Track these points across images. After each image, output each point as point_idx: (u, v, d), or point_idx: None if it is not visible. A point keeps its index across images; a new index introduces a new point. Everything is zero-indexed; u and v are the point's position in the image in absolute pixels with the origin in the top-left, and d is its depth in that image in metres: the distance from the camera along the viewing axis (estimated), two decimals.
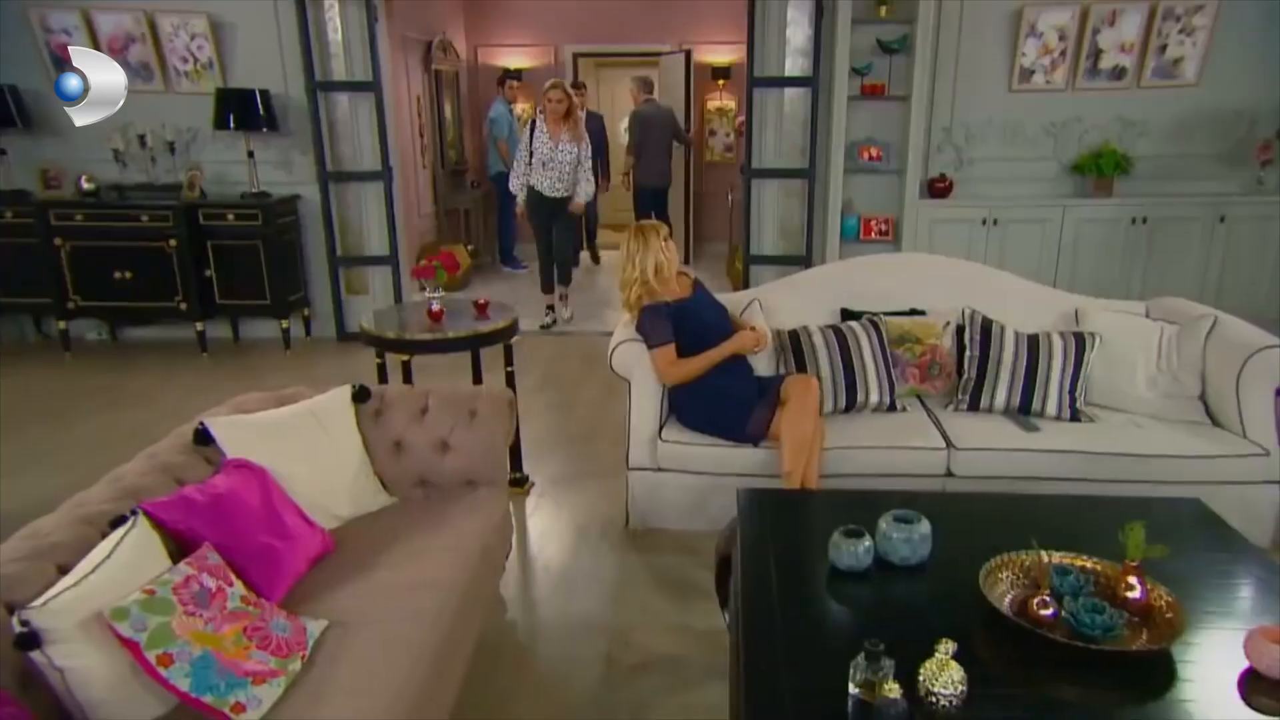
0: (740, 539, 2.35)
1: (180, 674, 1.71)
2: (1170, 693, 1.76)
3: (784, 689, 1.75)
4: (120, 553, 1.85)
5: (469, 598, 2.27)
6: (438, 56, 8.38)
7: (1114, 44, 5.58)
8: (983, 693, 1.68)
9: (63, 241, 5.80)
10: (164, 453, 2.39)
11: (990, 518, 2.54)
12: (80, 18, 5.95)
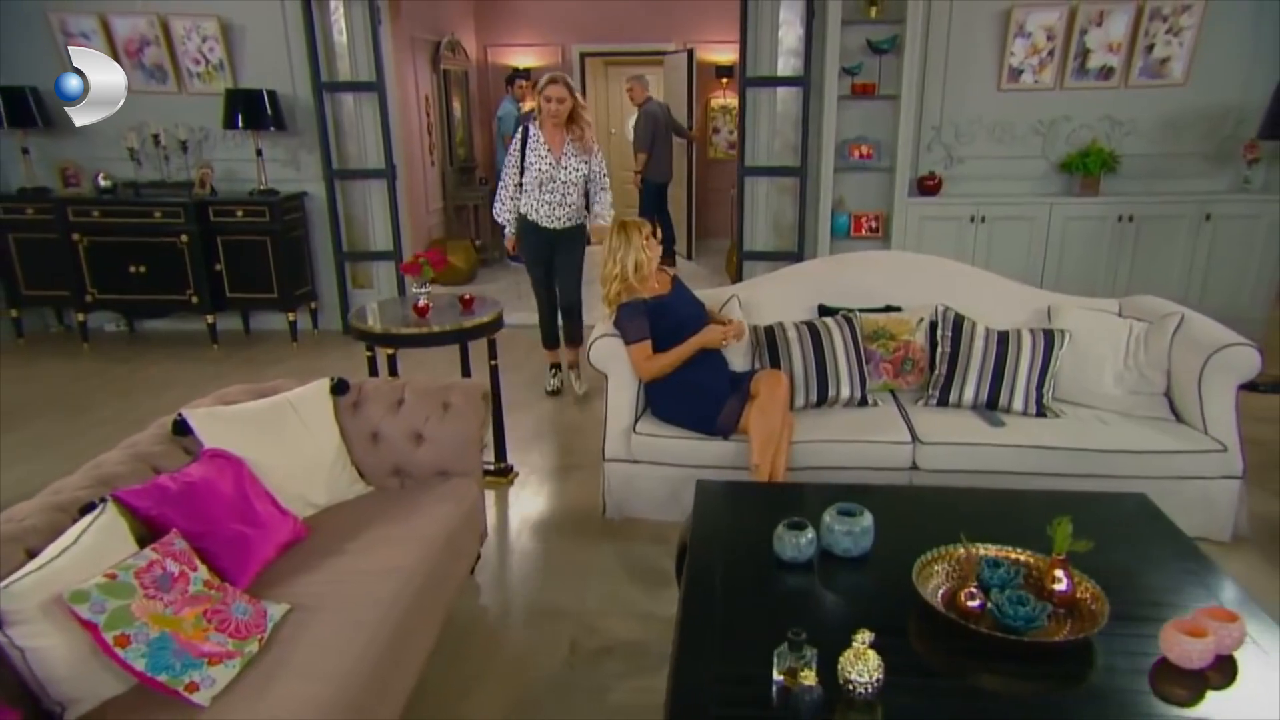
0: (692, 528, 2.38)
1: (137, 654, 1.75)
2: (1086, 682, 1.78)
3: (712, 675, 1.78)
4: (87, 538, 1.90)
5: (429, 584, 2.31)
6: (446, 56, 8.41)
7: (1101, 44, 5.52)
8: (901, 681, 1.70)
9: (80, 237, 5.90)
10: (144, 442, 2.45)
11: (940, 511, 2.55)
12: (97, 21, 6.04)
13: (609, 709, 2.41)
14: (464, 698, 2.48)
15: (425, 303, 3.60)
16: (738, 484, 2.82)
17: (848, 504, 2.24)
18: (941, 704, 1.72)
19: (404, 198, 6.38)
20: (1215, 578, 2.11)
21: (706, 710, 1.67)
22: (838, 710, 1.65)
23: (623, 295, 3.42)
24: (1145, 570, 2.17)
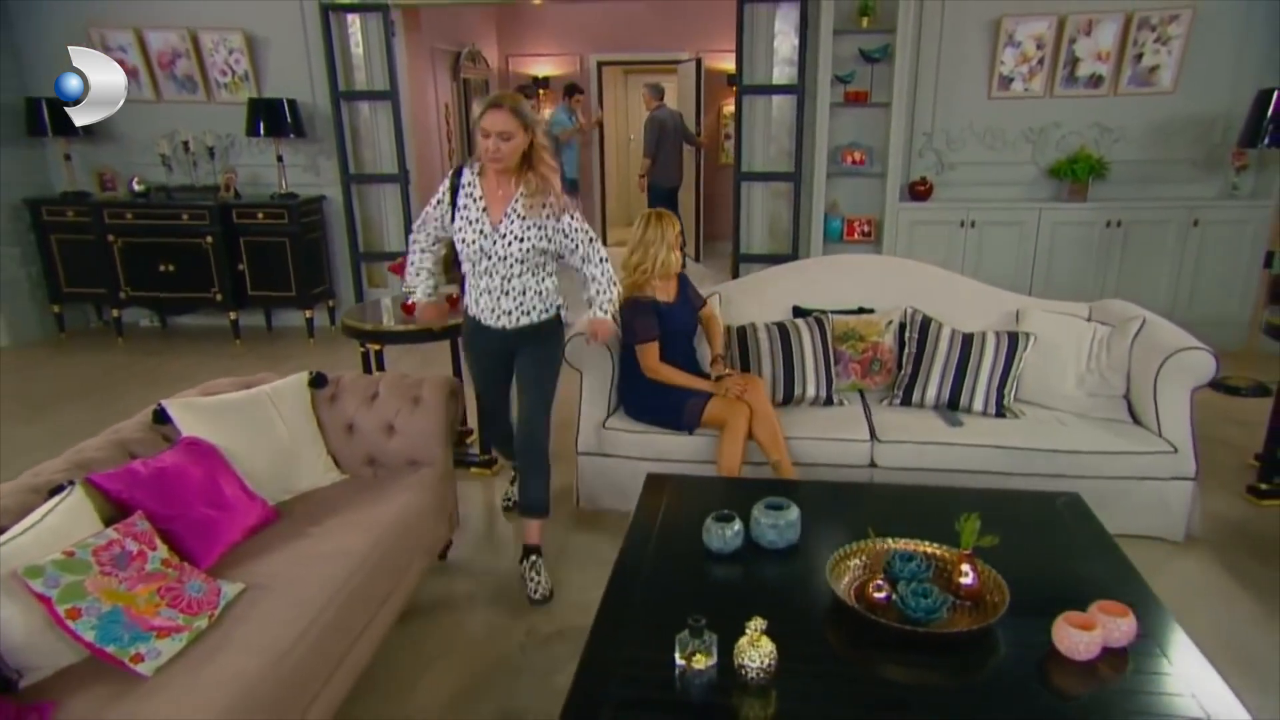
0: (632, 517, 2.41)
1: (86, 626, 1.82)
2: (980, 672, 1.78)
3: (622, 657, 1.80)
4: (51, 518, 1.99)
5: (381, 566, 2.37)
6: (466, 66, 8.51)
7: (1090, 52, 5.43)
8: (801, 668, 1.72)
9: (115, 238, 6.08)
10: (126, 430, 2.54)
11: (875, 506, 2.56)
12: (134, 36, 6.21)
13: (552, 690, 2.44)
14: (419, 676, 2.53)
15: (414, 301, 3.65)
16: (684, 477, 2.83)
17: (776, 498, 2.26)
18: (836, 690, 1.73)
19: (418, 201, 6.47)
20: (1128, 574, 2.09)
21: (608, 689, 1.70)
22: (733, 693, 1.67)
23: (635, 289, 3.34)
24: (1061, 566, 2.16)
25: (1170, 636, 1.83)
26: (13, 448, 4.13)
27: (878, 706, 1.70)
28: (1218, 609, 2.80)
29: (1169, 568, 3.05)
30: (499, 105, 2.71)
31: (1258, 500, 3.50)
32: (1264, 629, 2.68)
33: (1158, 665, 1.74)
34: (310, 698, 2.02)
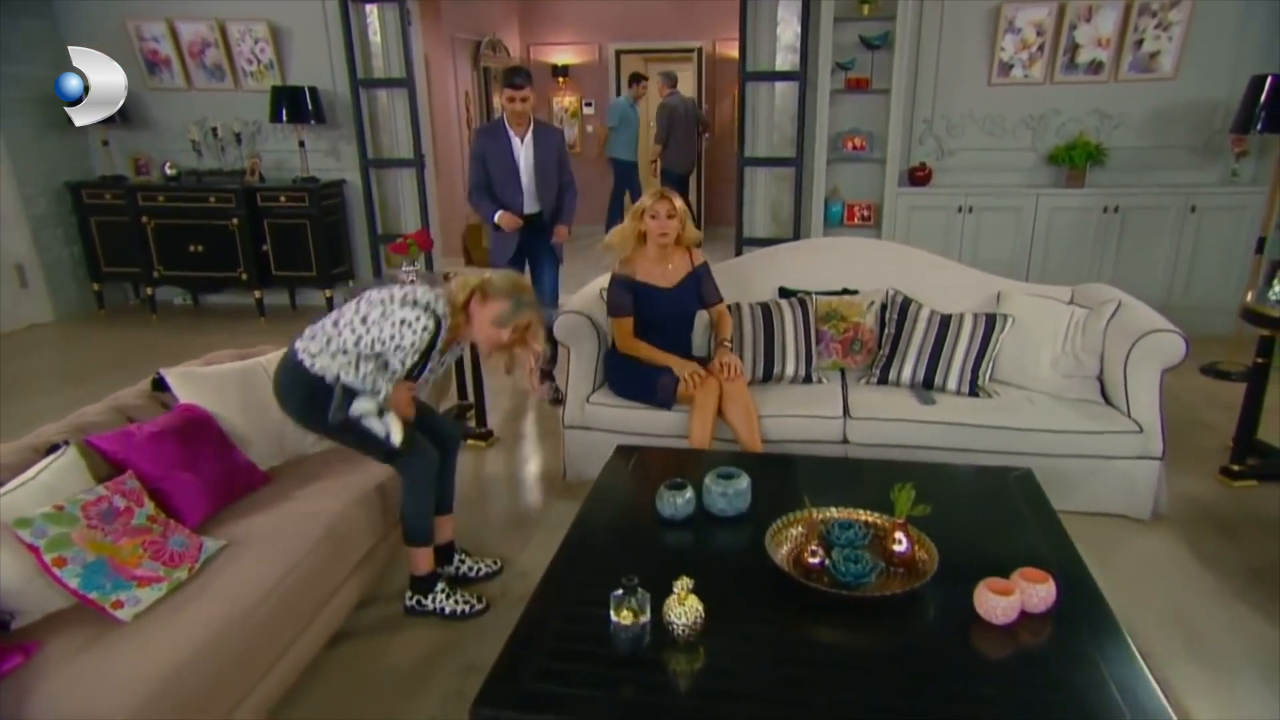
0: (594, 484, 2.46)
1: (72, 574, 1.92)
2: (904, 634, 1.80)
3: (561, 613, 1.86)
4: (44, 475, 2.08)
5: (356, 527, 2.45)
6: (487, 54, 8.54)
7: (1090, 39, 5.31)
8: (724, 627, 1.76)
9: (149, 220, 6.24)
10: (126, 397, 2.64)
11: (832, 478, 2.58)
12: (166, 27, 6.32)
13: None
14: (395, 633, 2.60)
15: (412, 279, 3.73)
16: (650, 449, 2.87)
17: (728, 468, 2.29)
18: (762, 649, 1.77)
19: (434, 185, 6.55)
20: (1064, 546, 2.10)
21: (542, 641, 1.75)
22: (663, 649, 1.71)
23: (617, 266, 3.41)
24: (1001, 537, 2.17)
25: (1092, 604, 1.83)
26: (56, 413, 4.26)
27: (800, 664, 1.73)
28: (1174, 584, 2.79)
29: (1131, 544, 3.04)
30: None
31: (1230, 481, 3.46)
32: (1216, 603, 2.66)
33: (1074, 631, 1.75)
34: (282, 648, 2.11)
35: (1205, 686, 2.28)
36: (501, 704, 1.56)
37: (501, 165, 4.29)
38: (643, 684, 1.63)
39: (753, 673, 1.69)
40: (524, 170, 4.32)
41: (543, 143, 4.33)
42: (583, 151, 10.14)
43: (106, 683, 1.70)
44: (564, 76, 9.83)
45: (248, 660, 1.96)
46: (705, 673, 1.68)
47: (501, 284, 2.44)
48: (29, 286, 6.40)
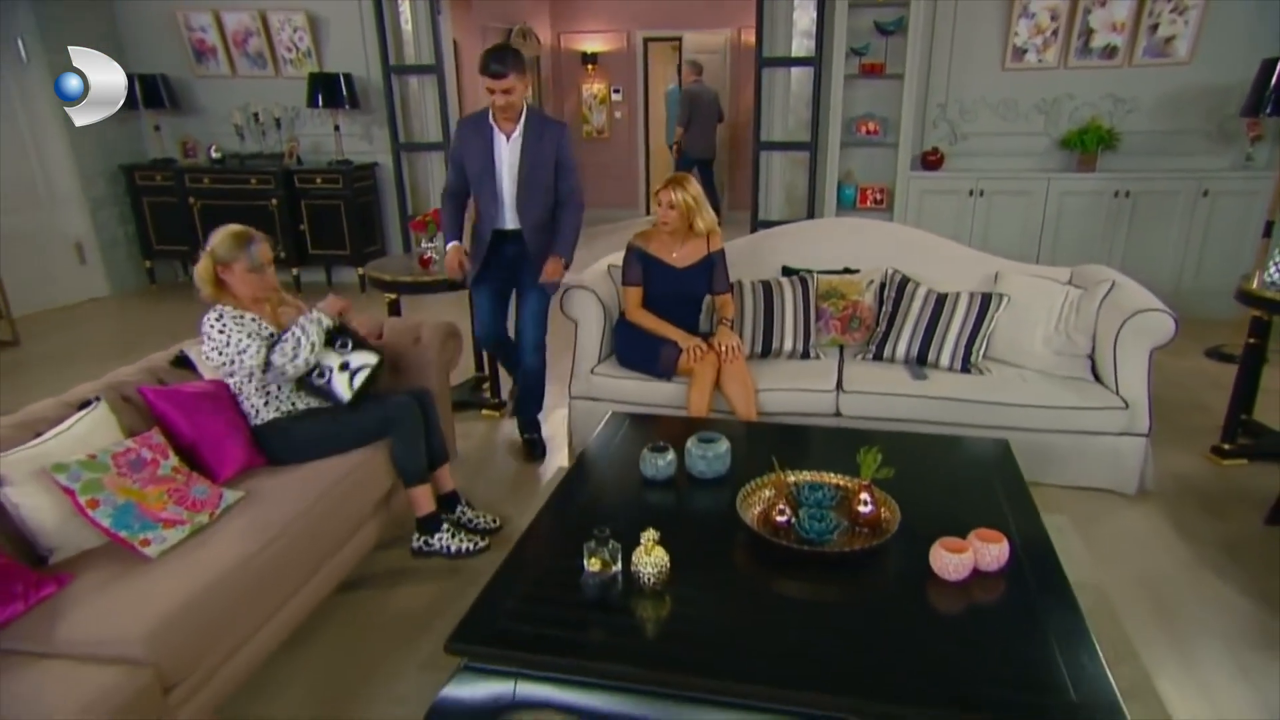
0: (587, 447, 2.54)
1: (104, 514, 2.05)
2: (861, 588, 1.86)
3: (538, 563, 1.94)
4: (78, 426, 2.22)
5: (361, 483, 2.55)
6: (517, 42, 8.59)
7: (1105, 24, 5.21)
8: (690, 577, 1.83)
9: (195, 200, 6.44)
10: (157, 360, 2.77)
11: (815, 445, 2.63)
12: (212, 17, 6.49)
13: None
14: (398, 584, 2.72)
15: (429, 256, 3.83)
16: (643, 416, 2.93)
17: (709, 433, 2.35)
18: (724, 598, 1.84)
19: None
20: (1028, 510, 2.12)
21: (518, 586, 1.84)
22: (631, 596, 1.79)
23: (637, 236, 3.48)
24: (965, 501, 2.20)
25: (1045, 566, 1.87)
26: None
27: (759, 612, 1.80)
28: (1150, 554, 2.79)
29: (1114, 517, 3.04)
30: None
31: (1220, 460, 3.43)
32: (1188, 573, 2.66)
33: (1024, 590, 1.79)
34: (293, 586, 2.23)
35: (1167, 649, 2.30)
36: (474, 640, 1.65)
37: (479, 167, 3.33)
38: (609, 627, 1.71)
39: (713, 619, 1.76)
40: (505, 175, 3.32)
41: (535, 141, 3.28)
42: (612, 138, 10.18)
43: (126, 610, 1.83)
44: (593, 64, 9.86)
45: (258, 596, 2.09)
46: (668, 618, 1.76)
47: (224, 244, 2.70)
48: (87, 263, 6.65)
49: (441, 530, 2.77)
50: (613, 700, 1.59)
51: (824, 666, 1.58)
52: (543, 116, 3.43)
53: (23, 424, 2.22)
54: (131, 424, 2.38)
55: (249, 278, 2.66)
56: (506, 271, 3.51)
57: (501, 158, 3.31)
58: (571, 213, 3.44)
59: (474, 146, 3.33)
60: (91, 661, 1.73)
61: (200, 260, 2.67)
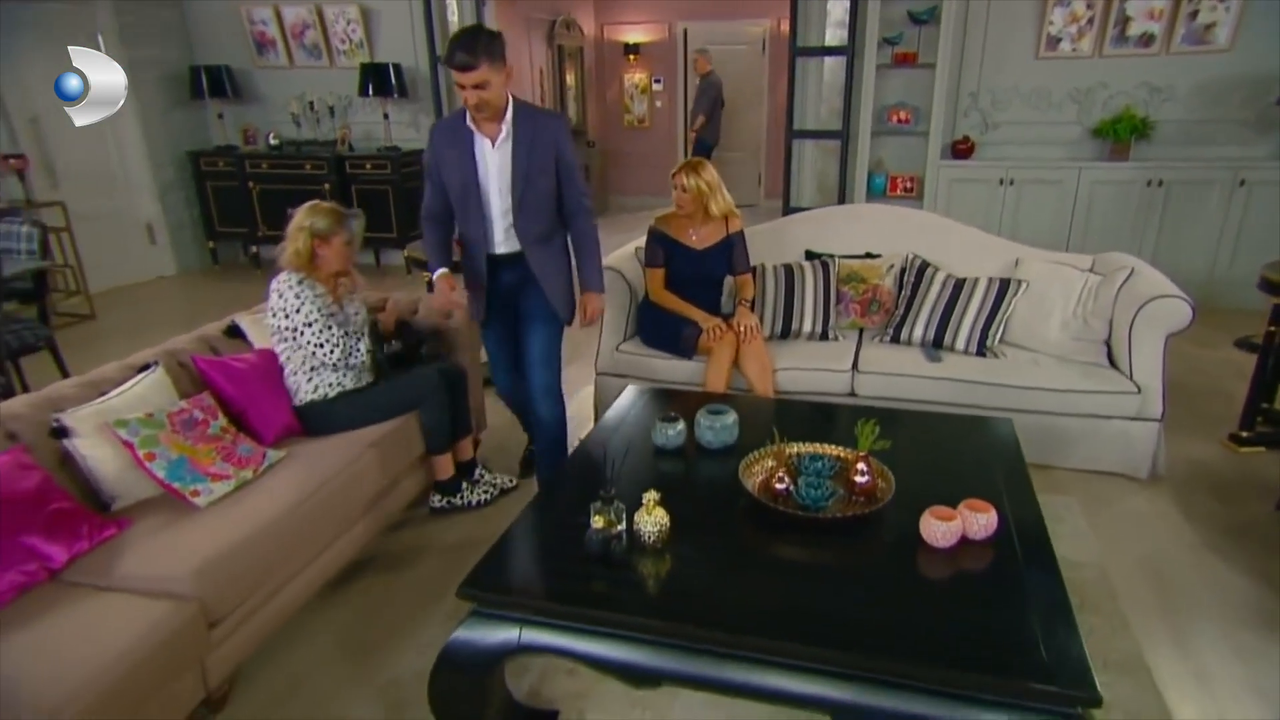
0: (604, 417, 2.61)
1: (159, 467, 2.20)
2: (852, 552, 1.90)
3: (548, 520, 2.02)
4: (138, 387, 2.37)
5: (393, 448, 2.67)
6: (561, 33, 8.65)
7: (1142, 11, 5.07)
8: (690, 537, 1.90)
9: (254, 185, 6.67)
10: (210, 331, 2.92)
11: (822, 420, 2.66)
12: (272, 11, 6.69)
13: None
14: (429, 541, 2.84)
15: None
16: (659, 390, 2.98)
17: (718, 405, 2.41)
18: (718, 556, 1.89)
19: None
20: (1022, 484, 2.13)
21: (528, 540, 1.93)
22: (632, 552, 1.86)
23: (657, 220, 3.53)
24: (962, 474, 2.22)
25: (1033, 538, 1.89)
26: None
27: (752, 571, 1.86)
28: (1155, 536, 2.77)
29: (1123, 500, 3.02)
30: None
31: (1237, 447, 3.37)
32: (1191, 555, 2.64)
33: (1010, 560, 1.81)
34: (327, 539, 2.36)
35: (1162, 627, 2.30)
36: (483, 586, 1.75)
37: (459, 182, 2.66)
38: (609, 579, 1.78)
39: (707, 575, 1.82)
40: (493, 189, 2.67)
41: (527, 143, 2.61)
42: (653, 126, 10.19)
43: (176, 552, 1.97)
44: (635, 54, 9.87)
45: (295, 546, 2.22)
46: (666, 573, 1.82)
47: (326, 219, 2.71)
48: (157, 243, 6.94)
49: (461, 489, 2.89)
50: (610, 647, 1.67)
51: (808, 620, 1.64)
52: (533, 110, 2.69)
53: (90, 383, 2.38)
54: (186, 387, 2.53)
55: (345, 250, 2.76)
56: (508, 305, 2.88)
57: (487, 168, 2.63)
58: (588, 227, 2.86)
59: (450, 157, 2.64)
60: (145, 595, 1.87)
61: (294, 236, 2.71)
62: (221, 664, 2.02)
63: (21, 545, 1.94)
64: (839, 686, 1.54)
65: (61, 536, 2.01)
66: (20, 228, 4.31)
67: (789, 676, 1.57)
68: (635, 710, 2.08)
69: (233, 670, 2.10)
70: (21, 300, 4.40)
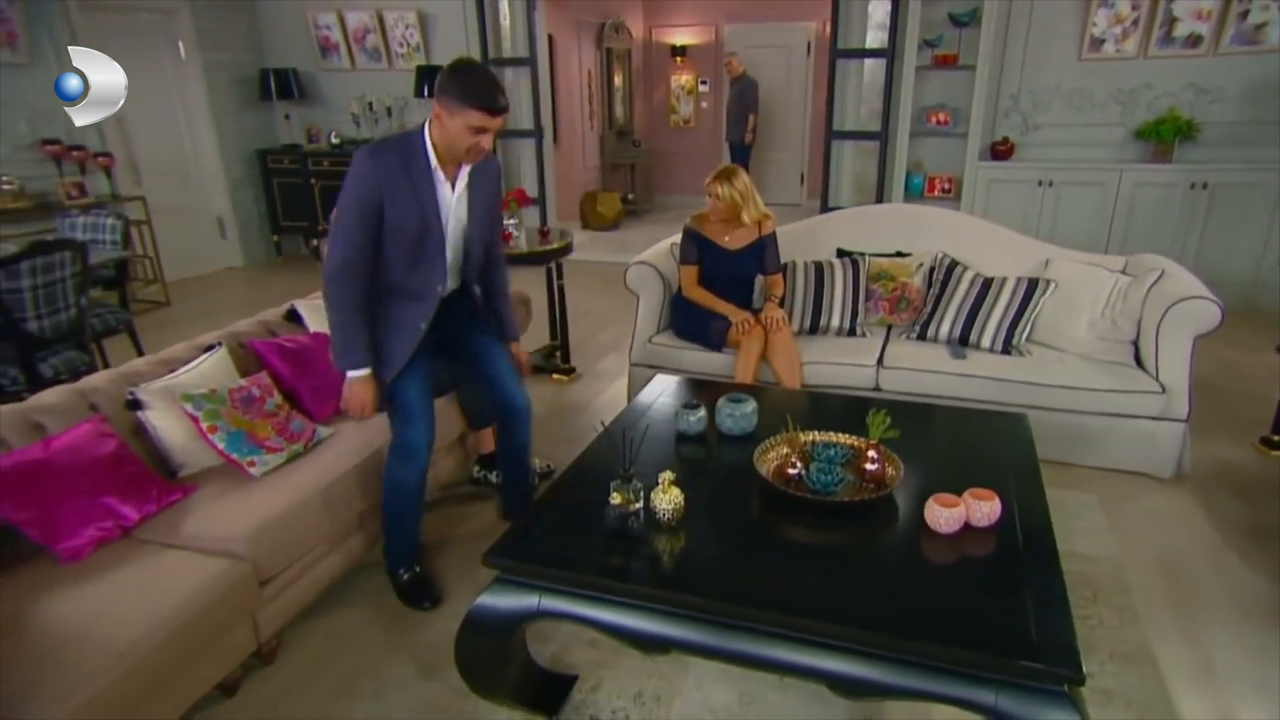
0: (633, 403, 2.69)
1: (220, 439, 2.36)
2: (858, 535, 1.94)
3: (571, 497, 2.11)
4: (203, 365, 2.54)
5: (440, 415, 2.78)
6: (610, 36, 8.75)
7: (1190, 12, 4.93)
8: (701, 513, 1.97)
9: (315, 181, 6.92)
10: (270, 316, 3.09)
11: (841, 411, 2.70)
12: (336, 17, 6.92)
13: None
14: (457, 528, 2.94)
15: (508, 232, 4.05)
16: (686, 379, 3.04)
17: (739, 394, 2.47)
18: (728, 534, 1.96)
19: (551, 155, 6.88)
20: (1031, 476, 2.14)
21: (552, 514, 2.02)
22: (649, 528, 1.94)
23: (692, 220, 3.58)
24: (972, 465, 2.23)
25: (1036, 528, 1.90)
26: None
27: (760, 550, 1.92)
28: (1174, 534, 2.74)
29: (1146, 498, 2.98)
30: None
31: (1268, 451, 3.29)
32: (1209, 553, 2.61)
33: (1011, 548, 1.83)
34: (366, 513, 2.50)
35: (1173, 621, 2.29)
36: (507, 554, 1.84)
37: (416, 223, 2.23)
38: (624, 552, 1.86)
39: (717, 551, 1.89)
40: (451, 236, 2.33)
41: (481, 186, 2.38)
42: (698, 127, 10.22)
43: (233, 516, 2.12)
44: (681, 56, 9.91)
45: (340, 513, 2.36)
46: (678, 548, 1.89)
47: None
48: (226, 237, 7.25)
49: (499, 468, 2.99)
50: (622, 615, 1.75)
51: (810, 596, 1.69)
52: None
53: (160, 361, 2.55)
54: (246, 366, 2.69)
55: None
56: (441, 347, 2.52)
57: (447, 213, 2.29)
58: (506, 276, 2.69)
59: (404, 196, 2.18)
60: (205, 554, 2.02)
61: None
62: (271, 620, 2.16)
63: (100, 504, 2.11)
64: (836, 659, 1.60)
65: (134, 498, 2.17)
66: (106, 220, 4.58)
67: (788, 647, 1.62)
68: (651, 680, 2.16)
69: (281, 627, 2.25)
70: (105, 287, 4.68)
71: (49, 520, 2.01)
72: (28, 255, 3.32)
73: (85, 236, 4.40)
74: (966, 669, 1.52)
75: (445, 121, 2.13)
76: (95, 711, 1.62)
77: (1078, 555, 2.62)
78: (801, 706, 2.05)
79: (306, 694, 2.14)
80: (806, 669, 1.63)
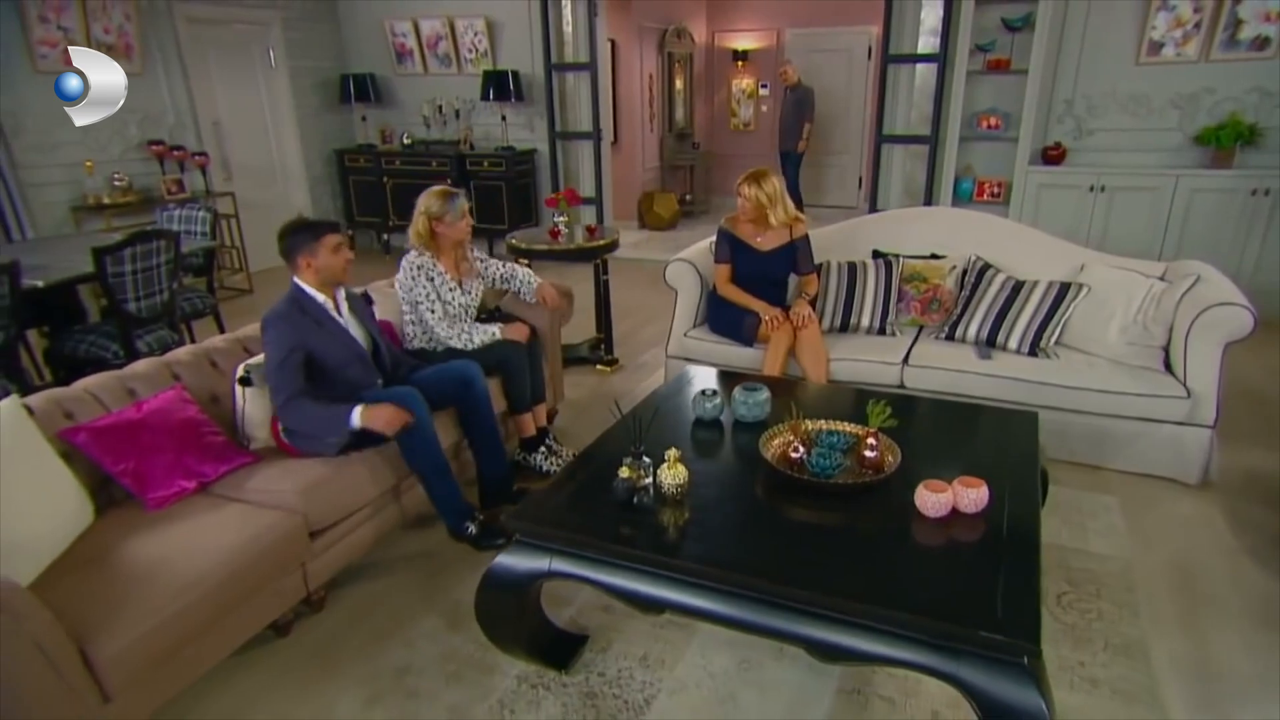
0: (658, 390, 2.84)
1: None
2: (851, 515, 2.04)
3: (587, 472, 2.26)
4: None
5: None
6: (671, 41, 8.88)
7: (1257, 14, 4.77)
8: (705, 491, 2.11)
9: (388, 179, 7.29)
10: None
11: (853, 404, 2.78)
12: (411, 25, 7.27)
13: None
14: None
15: (558, 228, 4.25)
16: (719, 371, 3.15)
17: (753, 383, 2.59)
18: (729, 509, 2.09)
19: (610, 156, 7.07)
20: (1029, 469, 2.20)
21: (569, 486, 2.18)
22: (656, 502, 2.08)
23: (726, 221, 3.69)
24: (973, 456, 2.30)
25: (1023, 519, 1.96)
26: None
27: (758, 525, 2.04)
28: (1193, 538, 2.73)
29: (1169, 503, 2.96)
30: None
31: None
32: (1225, 558, 2.59)
33: (994, 535, 1.90)
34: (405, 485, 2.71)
35: (1175, 619, 2.30)
36: (526, 518, 2.02)
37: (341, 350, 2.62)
38: (630, 522, 2.01)
39: (717, 523, 2.02)
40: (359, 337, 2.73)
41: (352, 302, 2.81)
42: (758, 129, 10.25)
43: (289, 477, 2.36)
44: (743, 60, 9.97)
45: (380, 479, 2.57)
46: (680, 519, 2.03)
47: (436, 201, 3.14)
48: None
49: (538, 451, 3.18)
50: (626, 578, 1.90)
51: (797, 566, 1.81)
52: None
53: (236, 339, 2.83)
54: None
55: (459, 224, 3.16)
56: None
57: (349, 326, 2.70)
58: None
59: (319, 335, 2.56)
60: (264, 507, 2.26)
61: (415, 220, 3.17)
62: (320, 572, 2.39)
63: (183, 462, 2.38)
64: (814, 625, 1.71)
65: (210, 459, 2.43)
66: (198, 213, 4.98)
67: (770, 613, 1.75)
68: (657, 645, 2.31)
69: (328, 580, 2.48)
70: (195, 274, 5.08)
71: (141, 472, 2.29)
72: (129, 244, 3.68)
73: (179, 228, 4.80)
74: (933, 638, 1.62)
75: (314, 263, 2.57)
76: (166, 633, 1.87)
77: (1088, 554, 2.64)
78: (797, 675, 2.16)
79: (349, 638, 2.37)
80: (787, 633, 1.74)
